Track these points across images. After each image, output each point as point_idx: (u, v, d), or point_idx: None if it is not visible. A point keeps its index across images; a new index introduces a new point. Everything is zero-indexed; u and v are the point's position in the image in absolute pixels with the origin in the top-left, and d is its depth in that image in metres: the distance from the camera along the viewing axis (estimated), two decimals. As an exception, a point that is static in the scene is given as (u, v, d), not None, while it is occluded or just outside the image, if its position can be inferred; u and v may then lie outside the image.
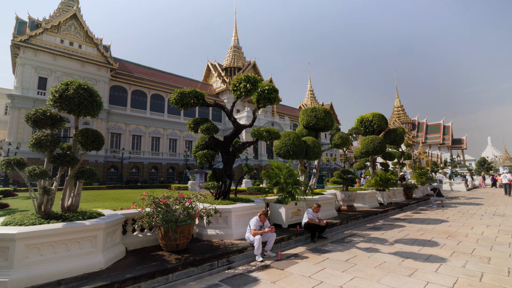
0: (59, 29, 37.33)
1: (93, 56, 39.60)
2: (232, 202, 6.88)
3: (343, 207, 10.63)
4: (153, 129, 45.60)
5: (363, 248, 6.23)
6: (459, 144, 67.96)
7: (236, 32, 67.04)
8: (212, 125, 6.97)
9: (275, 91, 7.27)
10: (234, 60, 62.73)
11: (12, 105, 33.12)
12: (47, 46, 35.52)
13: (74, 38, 38.42)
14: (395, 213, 11.79)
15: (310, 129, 10.18)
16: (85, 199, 16.82)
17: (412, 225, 9.02)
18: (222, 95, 57.74)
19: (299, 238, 7.09)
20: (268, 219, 6.06)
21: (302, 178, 10.03)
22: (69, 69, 37.12)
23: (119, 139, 41.67)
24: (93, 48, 40.02)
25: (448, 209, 13.03)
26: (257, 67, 61.75)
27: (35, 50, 34.61)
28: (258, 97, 7.26)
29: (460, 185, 25.58)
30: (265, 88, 7.10)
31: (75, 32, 38.63)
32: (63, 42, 37.47)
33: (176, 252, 5.26)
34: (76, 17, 38.43)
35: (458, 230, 8.11)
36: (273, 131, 7.43)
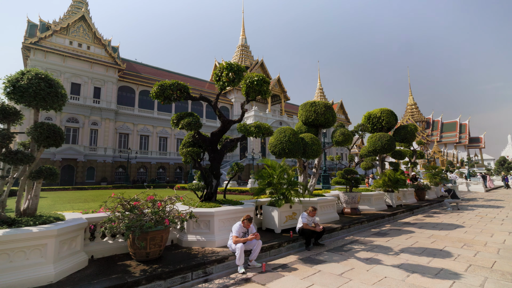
0: (68, 31, 37.82)
1: (101, 57, 39.95)
2: (217, 205, 6.25)
3: (347, 209, 9.80)
4: (161, 129, 45.65)
5: (363, 259, 5.46)
6: (477, 143, 64.98)
7: (243, 31, 66.54)
8: (194, 119, 6.35)
9: (266, 82, 6.58)
10: (242, 59, 62.24)
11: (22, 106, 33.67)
12: (56, 48, 36.03)
13: (82, 39, 38.85)
14: (404, 217, 10.84)
15: (310, 125, 9.42)
16: (76, 199, 16.60)
17: (422, 230, 8.11)
18: (229, 94, 57.37)
19: (292, 245, 6.37)
20: (253, 225, 5.39)
21: (301, 178, 9.29)
22: (78, 70, 37.55)
23: (127, 139, 41.90)
24: (101, 49, 40.38)
25: (464, 212, 11.94)
26: (265, 65, 61.01)
27: (44, 52, 35.14)
28: (247, 89, 6.59)
29: (478, 186, 23.98)
30: (254, 79, 6.42)
31: (83, 34, 39.07)
32: (72, 44, 37.94)
33: (145, 262, 4.66)
34: (84, 19, 38.86)
35: (475, 237, 7.17)
36: (263, 127, 6.75)
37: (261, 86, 6.48)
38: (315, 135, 10.06)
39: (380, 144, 13.20)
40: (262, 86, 6.53)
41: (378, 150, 13.33)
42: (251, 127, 6.69)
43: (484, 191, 23.62)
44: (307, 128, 10.00)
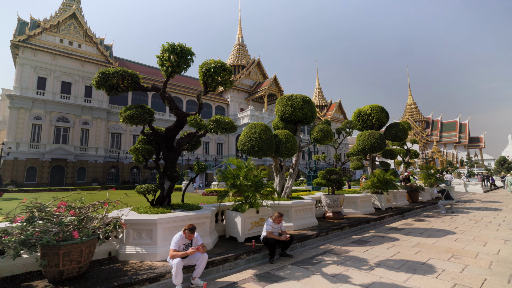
0: (58, 28, 37.10)
1: (93, 55, 39.22)
2: (166, 211, 5.42)
3: (329, 213, 8.96)
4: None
5: (329, 275, 4.62)
6: (477, 142, 64.00)
7: (240, 30, 65.77)
8: (137, 112, 5.52)
9: (226, 70, 5.76)
10: (238, 58, 61.50)
11: (11, 105, 32.98)
12: (46, 46, 35.31)
13: (73, 37, 38.13)
14: (392, 221, 9.99)
15: (287, 121, 8.58)
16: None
17: (408, 238, 7.26)
18: (225, 93, 56.57)
19: (254, 257, 5.54)
20: (197, 235, 4.56)
21: (277, 179, 8.46)
22: (69, 68, 36.83)
23: (119, 139, 41.15)
24: (93, 47, 39.65)
25: (458, 215, 11.08)
26: (261, 64, 60.27)
27: (34, 50, 34.43)
28: (205, 78, 5.76)
29: (476, 187, 23.08)
30: (211, 66, 5.60)
31: (74, 32, 38.35)
32: (63, 42, 37.23)
33: (58, 283, 3.84)
34: (75, 17, 38.14)
35: (466, 247, 6.32)
36: (222, 121, 5.91)
37: (219, 74, 5.66)
38: (292, 132, 9.23)
39: (369, 143, 12.36)
40: (221, 75, 5.70)
41: (367, 149, 12.49)
42: (209, 122, 5.87)
43: (482, 192, 22.74)
44: (284, 125, 9.18)
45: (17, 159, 31.92)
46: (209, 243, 5.56)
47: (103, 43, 42.82)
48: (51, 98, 34.82)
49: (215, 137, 51.88)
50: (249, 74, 58.65)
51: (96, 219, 4.29)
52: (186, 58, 5.17)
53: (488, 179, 31.78)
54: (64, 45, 37.06)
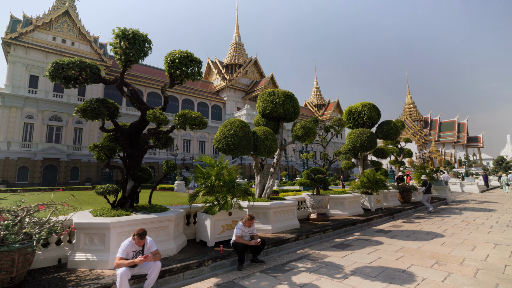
0: (51, 26, 36.62)
1: (87, 54, 38.71)
2: (125, 213, 4.99)
3: (313, 215, 8.53)
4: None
5: (298, 285, 4.19)
6: (475, 142, 63.65)
7: (237, 29, 65.31)
8: (92, 105, 5.08)
9: (193, 61, 5.32)
10: (235, 56, 61.01)
11: (2, 103, 32.51)
12: (38, 44, 34.82)
13: (66, 35, 37.65)
14: (381, 222, 9.56)
15: (269, 118, 8.14)
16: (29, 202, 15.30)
17: (393, 241, 6.83)
18: (222, 92, 56.15)
19: (221, 264, 5.11)
20: (151, 241, 4.13)
21: (258, 179, 8.02)
22: (61, 67, 36.29)
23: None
24: (87, 46, 39.17)
25: (450, 217, 10.66)
26: (258, 63, 59.88)
27: (25, 48, 33.96)
28: (171, 70, 5.33)
29: (473, 187, 22.62)
30: (176, 56, 5.16)
31: (67, 29, 37.86)
32: (55, 40, 36.74)
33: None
34: (69, 14, 37.65)
35: (452, 251, 5.88)
36: (189, 116, 5.47)
37: (185, 65, 5.22)
38: (274, 130, 8.80)
39: (359, 141, 11.95)
40: (188, 66, 5.26)
41: (357, 147, 12.08)
42: (175, 117, 5.43)
43: (479, 192, 22.30)
44: (265, 121, 8.74)
45: (8, 159, 31.46)
46: (172, 249, 5.14)
47: (98, 41, 42.37)
48: (44, 96, 34.35)
49: (197, 134, 50.80)
50: (246, 73, 58.23)
51: (34, 223, 3.85)
52: (141, 45, 4.72)
53: (486, 178, 31.38)
54: (56, 43, 36.58)
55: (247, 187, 6.21)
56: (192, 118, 5.45)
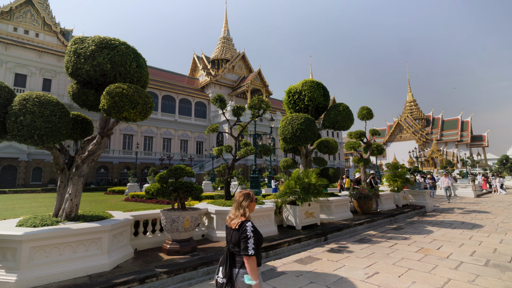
0: (12, 16, 34.15)
1: (53, 46, 36.16)
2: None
3: (167, 244, 5.29)
4: (125, 126, 41.58)
5: None
6: (480, 141, 59.33)
7: (226, 23, 62.35)
8: None
9: None
10: (223, 51, 58.05)
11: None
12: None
13: (30, 26, 35.13)
14: (290, 252, 6.20)
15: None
16: None
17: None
18: (207, 88, 53.21)
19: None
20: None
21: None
22: (24, 59, 33.82)
23: (83, 137, 37.94)
24: (53, 37, 36.63)
25: (409, 239, 7.31)
26: (246, 58, 56.85)
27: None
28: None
29: (467, 190, 19.02)
30: None
31: (31, 20, 35.35)
32: (17, 30, 34.26)
33: None
34: (32, 3, 35.12)
35: None
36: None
37: None
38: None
39: (290, 130, 8.67)
40: None
41: (288, 139, 8.80)
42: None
43: (474, 196, 18.69)
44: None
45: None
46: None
47: (71, 34, 39.88)
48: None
49: (178, 133, 47.91)
50: (233, 68, 55.21)
51: None
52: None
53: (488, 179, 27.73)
54: (18, 34, 34.08)
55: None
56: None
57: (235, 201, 2.47)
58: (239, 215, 2.39)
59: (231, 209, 2.52)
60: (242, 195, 2.46)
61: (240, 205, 2.42)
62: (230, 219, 2.43)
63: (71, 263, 4.05)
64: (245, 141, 8.29)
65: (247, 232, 2.25)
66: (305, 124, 8.53)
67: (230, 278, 2.28)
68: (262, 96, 40.32)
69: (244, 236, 2.24)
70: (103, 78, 4.78)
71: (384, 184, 13.70)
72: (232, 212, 2.46)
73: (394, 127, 69.97)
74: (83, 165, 4.75)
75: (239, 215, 2.39)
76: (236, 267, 2.29)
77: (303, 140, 8.57)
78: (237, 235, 2.28)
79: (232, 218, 2.41)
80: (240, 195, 2.48)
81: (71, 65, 4.70)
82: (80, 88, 5.09)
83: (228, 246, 2.40)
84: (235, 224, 2.34)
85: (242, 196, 2.46)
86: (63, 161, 4.93)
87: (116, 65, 4.70)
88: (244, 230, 2.26)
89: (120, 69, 4.76)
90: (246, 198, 2.45)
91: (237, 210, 2.41)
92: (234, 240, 2.31)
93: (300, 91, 9.75)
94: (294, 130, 8.54)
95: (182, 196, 5.50)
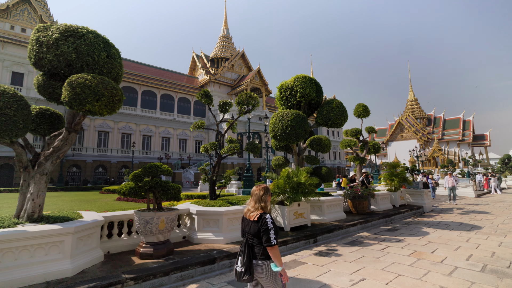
0: (9, 14, 33.99)
1: (50, 44, 35.90)
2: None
3: (141, 247, 4.96)
4: (124, 125, 41.37)
5: None
6: (482, 140, 58.67)
7: (226, 22, 62.03)
8: None
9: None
10: (222, 50, 57.69)
11: (-50, 97, 29.76)
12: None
13: (27, 24, 34.95)
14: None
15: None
16: None
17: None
18: (206, 87, 52.80)
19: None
20: None
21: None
22: (21, 58, 33.63)
23: (82, 136, 37.82)
24: (50, 35, 36.36)
25: (403, 241, 6.95)
26: (246, 56, 56.46)
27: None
28: None
29: (467, 189, 18.54)
30: None
31: (28, 18, 35.18)
32: (14, 29, 34.10)
33: None
34: (29, 1, 34.92)
35: None
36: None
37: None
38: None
39: (280, 127, 8.32)
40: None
41: (278, 136, 8.45)
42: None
43: (474, 196, 18.24)
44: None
45: (-47, 157, 28.81)
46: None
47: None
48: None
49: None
50: (232, 67, 54.84)
51: None
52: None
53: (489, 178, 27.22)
54: (15, 32, 33.90)
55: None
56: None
57: (255, 194, 2.63)
58: (258, 208, 2.57)
59: (249, 202, 2.68)
60: (262, 189, 2.64)
61: (260, 198, 2.59)
62: (250, 212, 2.60)
63: (27, 268, 3.73)
64: (230, 138, 7.93)
65: (268, 224, 2.42)
66: (296, 120, 8.18)
67: (249, 267, 2.45)
68: (262, 95, 39.88)
69: (265, 228, 2.40)
70: (69, 69, 4.45)
71: (381, 184, 13.32)
72: (251, 205, 2.62)
73: (395, 126, 69.42)
74: (46, 162, 4.43)
75: (259, 207, 2.57)
76: (256, 258, 2.47)
77: (293, 137, 8.22)
78: (256, 226, 2.46)
79: (252, 211, 2.58)
80: (259, 189, 2.65)
81: (33, 55, 4.37)
82: (46, 80, 4.76)
83: (246, 238, 2.57)
84: (254, 216, 2.52)
85: (262, 190, 2.63)
86: (26, 159, 4.62)
87: (83, 54, 4.37)
88: (264, 222, 2.43)
89: (87, 59, 4.42)
90: (266, 192, 2.64)
91: (257, 203, 2.58)
92: (252, 231, 2.48)
93: (292, 86, 9.40)
94: (284, 127, 8.19)
95: (158, 196, 5.17)
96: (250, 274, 2.43)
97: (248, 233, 2.54)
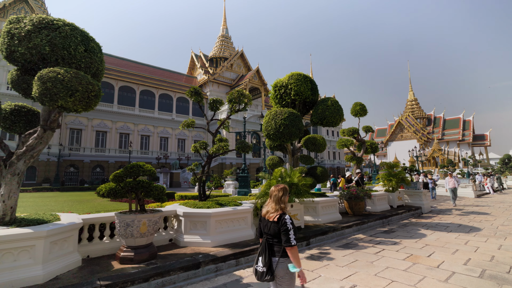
0: (5, 13, 33.76)
1: (47, 43, 35.68)
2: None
3: (121, 251, 4.72)
4: (122, 124, 41.12)
5: None
6: (482, 140, 58.39)
7: (225, 21, 61.84)
8: None
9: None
10: (221, 49, 57.51)
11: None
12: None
13: (24, 23, 34.66)
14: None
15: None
16: None
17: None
18: (205, 87, 52.63)
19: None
20: None
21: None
22: (17, 57, 33.31)
23: (80, 135, 37.59)
24: (47, 35, 36.14)
25: (400, 243, 6.70)
26: (245, 56, 56.21)
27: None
28: None
29: (467, 190, 18.33)
30: None
31: (24, 15, 34.89)
32: (11, 28, 33.77)
33: None
34: (26, 0, 34.69)
35: None
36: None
37: None
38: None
39: (273, 126, 8.08)
40: None
41: (271, 135, 8.21)
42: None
43: (474, 196, 17.99)
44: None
45: None
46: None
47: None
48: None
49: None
50: (231, 67, 54.60)
51: None
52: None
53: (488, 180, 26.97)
54: (12, 31, 33.59)
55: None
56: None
57: (273, 196, 2.64)
58: (278, 209, 2.57)
59: (268, 203, 2.69)
60: (280, 190, 2.63)
61: (280, 199, 2.60)
62: (269, 213, 2.60)
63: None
64: (220, 136, 7.68)
65: (287, 224, 2.45)
66: (289, 119, 7.93)
67: (270, 267, 2.50)
68: (261, 95, 39.59)
69: (284, 228, 2.44)
70: (43, 63, 4.21)
71: (379, 184, 13.07)
72: (271, 206, 2.62)
73: (395, 126, 69.16)
74: (18, 162, 4.18)
75: (278, 208, 2.57)
76: (276, 256, 2.51)
77: (287, 136, 7.98)
78: (276, 227, 2.49)
79: (272, 212, 2.58)
80: (278, 189, 2.64)
81: (5, 48, 4.13)
82: (20, 75, 4.52)
83: (266, 238, 2.60)
84: (274, 217, 2.54)
85: (281, 191, 2.63)
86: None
87: (57, 48, 4.13)
88: (284, 223, 2.46)
89: (63, 52, 4.18)
90: (285, 192, 2.64)
91: (277, 205, 2.59)
92: (272, 231, 2.52)
93: (286, 84, 9.15)
94: (278, 126, 7.95)
95: (141, 197, 4.93)
96: (271, 273, 2.48)
97: (267, 234, 2.58)
